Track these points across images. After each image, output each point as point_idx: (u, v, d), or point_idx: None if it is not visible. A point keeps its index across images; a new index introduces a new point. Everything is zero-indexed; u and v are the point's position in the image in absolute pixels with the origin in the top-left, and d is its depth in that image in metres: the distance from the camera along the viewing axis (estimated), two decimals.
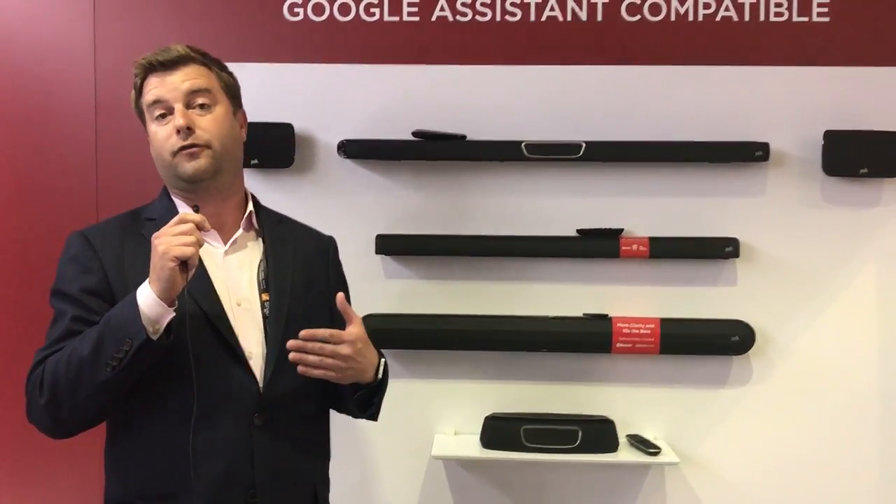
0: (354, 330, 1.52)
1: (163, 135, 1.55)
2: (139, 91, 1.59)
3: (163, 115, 1.55)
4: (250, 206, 1.66)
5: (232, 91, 1.64)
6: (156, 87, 1.55)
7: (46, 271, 2.36)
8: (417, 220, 2.36)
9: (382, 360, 1.63)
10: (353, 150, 2.32)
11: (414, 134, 2.32)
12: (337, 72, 2.37)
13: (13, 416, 2.30)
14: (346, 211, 2.35)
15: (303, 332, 1.48)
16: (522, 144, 2.30)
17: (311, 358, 1.48)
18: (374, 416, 1.66)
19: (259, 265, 1.62)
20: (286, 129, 2.31)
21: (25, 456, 2.42)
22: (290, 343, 1.48)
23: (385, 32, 2.40)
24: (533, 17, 2.39)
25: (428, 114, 2.35)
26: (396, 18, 2.40)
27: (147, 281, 1.42)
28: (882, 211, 2.34)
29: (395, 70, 2.37)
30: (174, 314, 1.41)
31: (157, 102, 1.55)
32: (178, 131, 1.52)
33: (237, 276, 1.59)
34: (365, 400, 1.62)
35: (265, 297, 1.59)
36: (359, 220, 2.35)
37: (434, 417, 2.37)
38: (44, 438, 1.54)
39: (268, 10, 2.40)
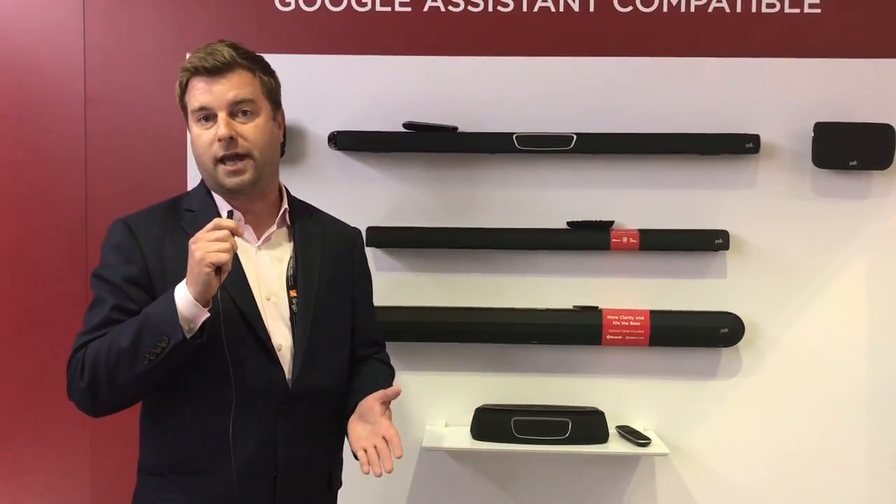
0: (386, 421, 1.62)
1: (205, 140, 1.61)
2: (184, 89, 1.64)
3: (206, 118, 1.61)
4: (285, 204, 1.73)
5: (273, 95, 1.68)
6: (201, 94, 1.60)
7: (35, 265, 2.41)
8: (408, 212, 2.36)
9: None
10: (344, 141, 2.32)
11: (405, 125, 2.31)
12: (328, 62, 2.36)
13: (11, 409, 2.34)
14: (337, 203, 2.30)
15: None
16: (514, 136, 2.30)
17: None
18: None
19: (289, 262, 1.70)
20: None
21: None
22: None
23: (377, 23, 2.39)
24: (525, 8, 2.38)
25: (419, 105, 2.34)
26: (388, 9, 2.39)
27: (184, 281, 1.49)
28: (871, 203, 2.34)
29: (387, 61, 2.36)
30: (209, 314, 1.49)
31: (201, 109, 1.60)
32: (221, 140, 1.58)
33: (268, 271, 1.67)
34: None
35: (293, 293, 1.67)
36: (349, 212, 2.30)
37: (425, 409, 2.38)
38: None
39: (259, 0, 2.39)
